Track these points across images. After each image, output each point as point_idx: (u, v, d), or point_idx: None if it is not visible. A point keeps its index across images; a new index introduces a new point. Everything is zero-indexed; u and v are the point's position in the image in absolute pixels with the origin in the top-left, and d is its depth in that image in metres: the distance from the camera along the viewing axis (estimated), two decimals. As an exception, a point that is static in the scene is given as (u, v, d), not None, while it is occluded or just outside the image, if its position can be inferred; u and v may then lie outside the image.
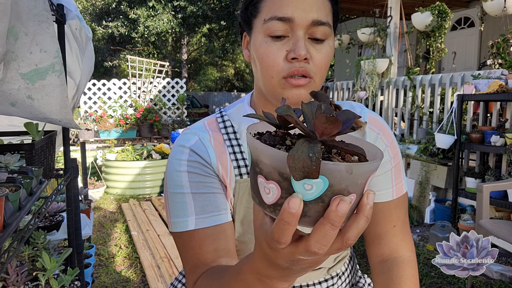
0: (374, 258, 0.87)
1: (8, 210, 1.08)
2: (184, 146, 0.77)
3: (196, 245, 0.71)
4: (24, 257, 1.82)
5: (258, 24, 0.72)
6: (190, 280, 0.71)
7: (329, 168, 0.36)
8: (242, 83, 24.65)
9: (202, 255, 0.71)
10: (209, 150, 0.77)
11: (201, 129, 0.80)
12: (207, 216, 0.72)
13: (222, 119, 0.82)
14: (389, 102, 5.66)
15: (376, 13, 6.99)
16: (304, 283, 0.85)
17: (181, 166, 0.75)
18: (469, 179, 4.05)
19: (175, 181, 0.75)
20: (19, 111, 1.36)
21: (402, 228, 0.85)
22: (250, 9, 0.74)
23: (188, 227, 0.72)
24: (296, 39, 0.68)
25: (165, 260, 3.36)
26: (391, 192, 0.84)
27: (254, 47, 0.73)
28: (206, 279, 0.67)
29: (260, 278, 0.49)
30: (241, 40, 0.80)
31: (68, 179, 1.99)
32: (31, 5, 1.27)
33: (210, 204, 0.73)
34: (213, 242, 0.71)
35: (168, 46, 17.84)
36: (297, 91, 0.70)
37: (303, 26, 0.68)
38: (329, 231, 0.38)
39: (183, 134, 0.80)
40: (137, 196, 5.80)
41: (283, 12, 0.68)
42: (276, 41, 0.70)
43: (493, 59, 4.43)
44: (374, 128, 0.85)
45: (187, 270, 0.73)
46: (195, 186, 0.74)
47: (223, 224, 0.73)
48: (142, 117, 7.38)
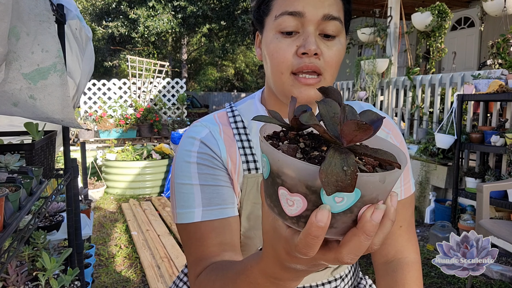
0: (378, 258, 0.86)
1: (8, 210, 1.08)
2: (195, 138, 0.77)
3: (201, 238, 0.71)
4: (24, 257, 1.82)
5: (269, 21, 0.73)
6: (193, 273, 0.71)
7: (364, 180, 0.35)
8: (242, 83, 24.65)
9: (207, 247, 0.70)
10: (219, 143, 0.77)
11: (212, 122, 0.80)
12: (214, 208, 0.72)
13: (232, 114, 0.83)
14: (389, 102, 5.66)
15: (376, 13, 6.99)
16: (308, 284, 0.85)
17: (191, 157, 0.75)
18: (469, 179, 4.05)
19: (183, 172, 0.74)
20: (21, 111, 1.36)
21: (408, 229, 0.85)
22: (263, 8, 0.75)
23: (194, 219, 0.71)
24: (307, 34, 0.69)
25: (165, 260, 3.36)
26: (399, 193, 0.84)
27: (265, 44, 0.74)
28: (209, 274, 0.66)
29: (272, 281, 0.49)
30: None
31: (68, 179, 1.99)
32: (32, 5, 1.27)
33: (218, 196, 0.73)
34: (218, 235, 0.70)
35: (168, 46, 17.84)
36: (307, 91, 0.70)
37: (313, 22, 0.69)
38: (364, 242, 0.37)
39: (193, 126, 0.80)
40: (137, 196, 5.80)
41: (294, 7, 0.69)
42: (286, 37, 0.70)
43: (493, 59, 4.44)
44: (384, 128, 0.85)
45: (190, 262, 0.72)
46: (203, 178, 0.73)
47: (229, 218, 0.73)
48: (142, 117, 7.38)
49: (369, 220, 0.36)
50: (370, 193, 0.36)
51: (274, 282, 0.49)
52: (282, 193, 0.38)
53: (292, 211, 0.38)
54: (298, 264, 0.42)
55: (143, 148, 6.28)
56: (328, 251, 0.39)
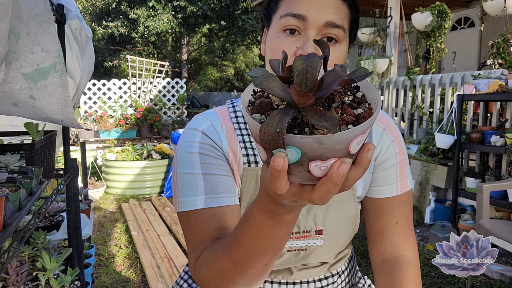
0: (375, 257, 0.86)
1: (8, 210, 1.08)
2: (197, 129, 0.79)
3: (203, 223, 0.73)
4: (24, 257, 1.82)
5: (275, 19, 0.75)
6: (193, 257, 0.72)
7: (298, 141, 0.39)
8: (242, 83, 24.64)
9: (208, 232, 0.72)
10: (221, 135, 0.79)
11: (213, 116, 0.82)
12: (216, 196, 0.74)
13: (233, 109, 0.85)
14: (389, 102, 5.67)
15: (376, 13, 6.99)
16: (305, 279, 0.85)
17: (193, 147, 0.76)
18: (469, 179, 4.06)
19: (186, 162, 0.76)
20: (21, 111, 1.36)
21: (404, 226, 0.85)
22: (272, 5, 0.77)
23: (196, 206, 0.73)
24: (307, 37, 0.70)
25: (165, 260, 3.36)
26: (395, 188, 0.84)
27: (269, 40, 0.77)
28: (210, 246, 0.69)
29: (268, 215, 0.54)
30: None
31: (68, 179, 1.99)
32: (32, 5, 1.27)
33: (220, 185, 0.75)
34: (219, 221, 0.72)
35: (168, 46, 17.83)
36: None
37: (315, 26, 0.70)
38: (331, 189, 0.43)
39: (194, 119, 0.82)
40: (137, 196, 5.80)
41: (298, 9, 0.71)
42: (288, 37, 0.72)
43: (493, 59, 4.44)
44: (380, 123, 0.86)
45: (190, 248, 0.74)
46: (206, 167, 0.75)
47: (230, 206, 0.74)
48: (142, 117, 7.38)
49: (336, 172, 0.41)
50: (312, 152, 0.40)
51: (270, 216, 0.54)
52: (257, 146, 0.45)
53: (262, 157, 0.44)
54: (281, 199, 0.49)
55: (143, 148, 6.28)
56: (303, 192, 0.46)
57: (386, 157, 0.84)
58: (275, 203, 0.51)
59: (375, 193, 0.85)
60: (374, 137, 0.84)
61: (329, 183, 0.42)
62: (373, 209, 0.86)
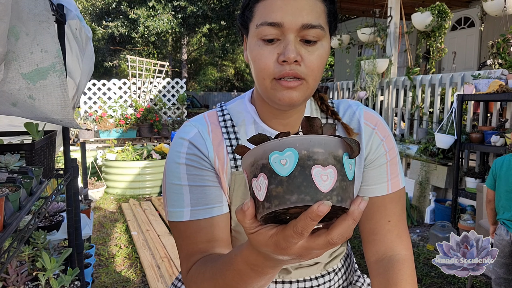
0: (370, 256, 0.86)
1: (8, 210, 1.08)
2: (184, 138, 0.80)
3: (191, 235, 0.75)
4: (24, 257, 1.82)
5: (252, 28, 0.74)
6: (185, 268, 0.75)
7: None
8: (242, 83, 24.64)
9: (196, 244, 0.75)
10: (207, 143, 0.79)
11: (201, 121, 0.83)
12: (202, 208, 0.76)
13: (222, 113, 0.85)
14: (389, 102, 5.67)
15: (376, 13, 6.99)
16: (301, 278, 0.86)
17: (180, 158, 0.78)
18: (469, 179, 4.06)
19: (173, 173, 0.78)
20: (20, 111, 1.36)
21: (397, 224, 0.84)
22: (246, 13, 0.76)
23: (183, 218, 0.76)
24: (287, 42, 0.69)
25: (165, 260, 3.36)
26: (386, 186, 0.84)
27: (249, 49, 0.75)
28: (199, 266, 0.71)
29: (251, 267, 0.56)
30: (242, 41, 0.82)
31: (68, 179, 1.99)
32: (31, 5, 1.27)
33: (205, 197, 0.77)
34: (206, 233, 0.75)
35: (168, 46, 17.83)
36: (289, 94, 0.71)
37: (293, 30, 0.69)
38: (351, 226, 0.45)
39: (183, 126, 0.84)
40: (137, 196, 5.80)
41: (272, 18, 0.69)
42: (268, 45, 0.71)
43: (493, 59, 4.44)
44: (369, 123, 0.85)
45: (182, 258, 0.77)
46: (192, 178, 0.77)
47: (216, 217, 0.77)
48: (142, 117, 7.38)
49: (357, 208, 0.44)
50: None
51: (253, 268, 0.56)
52: (317, 171, 0.43)
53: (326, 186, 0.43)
54: (285, 256, 0.48)
55: (143, 148, 6.28)
56: (317, 237, 0.46)
57: (375, 156, 0.84)
58: (266, 258, 0.52)
59: (366, 192, 0.85)
60: (364, 136, 0.84)
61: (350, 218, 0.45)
62: (365, 208, 0.86)
